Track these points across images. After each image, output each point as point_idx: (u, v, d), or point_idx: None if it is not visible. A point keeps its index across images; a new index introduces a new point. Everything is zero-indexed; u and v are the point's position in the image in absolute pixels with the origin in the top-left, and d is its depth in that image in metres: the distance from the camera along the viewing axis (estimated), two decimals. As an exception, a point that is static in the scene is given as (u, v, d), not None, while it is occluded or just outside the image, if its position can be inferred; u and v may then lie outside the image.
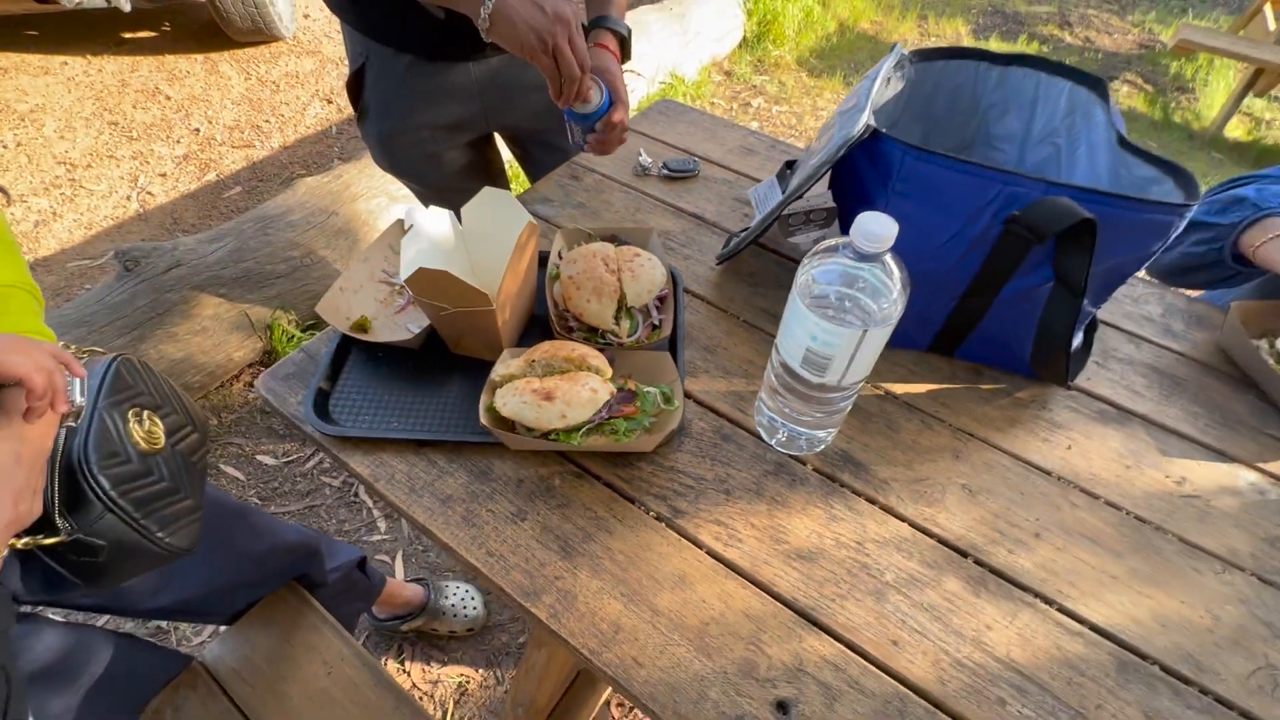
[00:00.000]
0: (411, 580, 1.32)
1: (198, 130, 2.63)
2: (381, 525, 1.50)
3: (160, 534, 0.60)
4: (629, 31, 0.88)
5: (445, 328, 0.72)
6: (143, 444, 0.62)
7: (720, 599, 0.58)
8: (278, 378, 0.74)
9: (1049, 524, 0.64)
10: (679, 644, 0.55)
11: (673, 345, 0.75)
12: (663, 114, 1.17)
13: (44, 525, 0.55)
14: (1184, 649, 0.56)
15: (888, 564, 0.61)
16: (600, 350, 0.68)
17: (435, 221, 0.71)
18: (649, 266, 0.76)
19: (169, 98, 2.78)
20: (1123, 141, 0.71)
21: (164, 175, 2.42)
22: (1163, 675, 0.55)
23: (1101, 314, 0.84)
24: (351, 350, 0.76)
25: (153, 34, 3.18)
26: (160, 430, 0.64)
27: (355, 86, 1.00)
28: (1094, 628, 0.57)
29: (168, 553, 0.61)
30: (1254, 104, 3.27)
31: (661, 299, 0.78)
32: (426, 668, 1.29)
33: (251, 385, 1.71)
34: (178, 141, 2.57)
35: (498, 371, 0.66)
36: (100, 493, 0.57)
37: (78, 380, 0.55)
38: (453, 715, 1.24)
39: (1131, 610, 0.59)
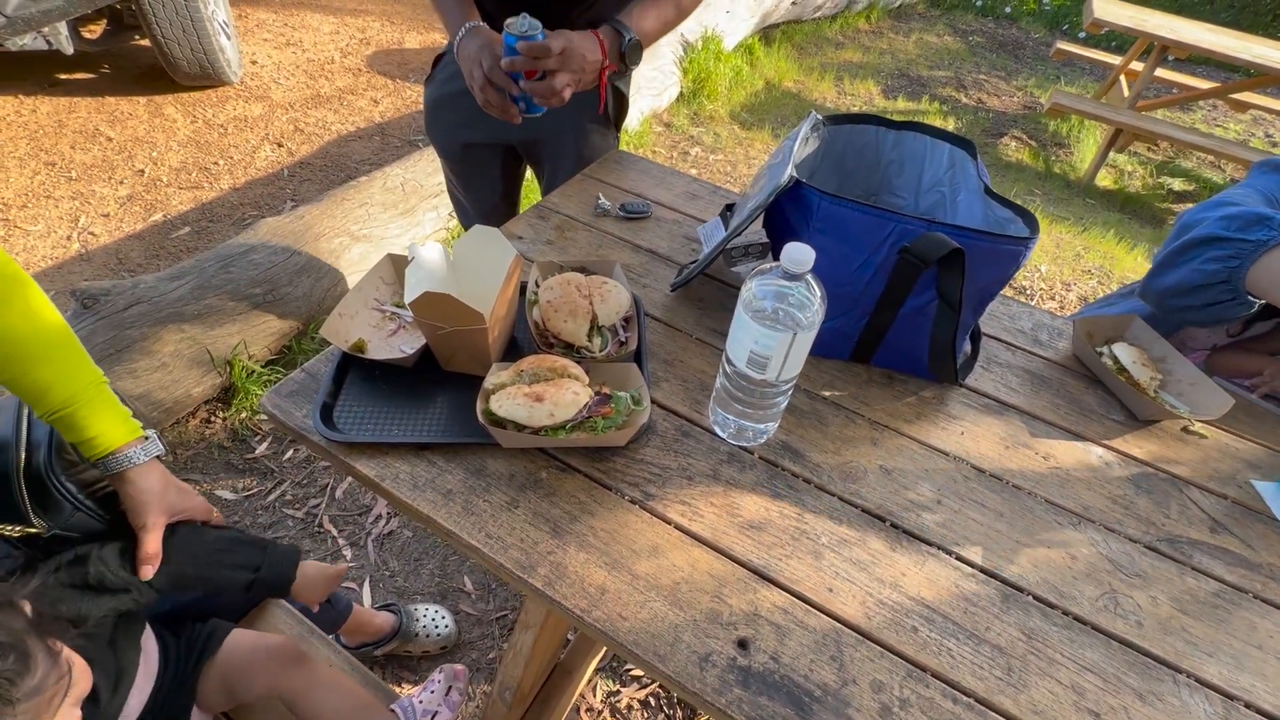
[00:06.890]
0: (381, 607, 1.36)
1: (142, 171, 2.62)
2: (348, 553, 1.52)
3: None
4: (629, 37, 1.02)
5: (440, 346, 0.82)
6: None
7: (688, 563, 0.69)
8: (282, 395, 0.81)
9: (947, 493, 0.79)
10: (655, 600, 0.66)
11: (638, 358, 0.87)
12: (617, 164, 1.32)
13: (15, 520, 0.66)
14: (1050, 582, 0.72)
15: (822, 530, 0.74)
16: (577, 363, 0.80)
17: (431, 254, 0.81)
18: (616, 292, 0.89)
19: (110, 139, 2.76)
20: (987, 190, 0.90)
21: (107, 216, 2.39)
22: (1034, 602, 0.70)
23: (984, 329, 1.03)
24: (351, 368, 0.84)
25: (91, 76, 3.15)
26: None
27: (440, 59, 1.25)
28: (982, 569, 0.72)
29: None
30: (1118, 158, 3.80)
31: (627, 320, 0.90)
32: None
33: (209, 421, 1.71)
34: (121, 182, 2.55)
35: (490, 381, 0.76)
36: (69, 496, 0.69)
37: None
38: (426, 732, 1.27)
39: (1010, 555, 0.74)
